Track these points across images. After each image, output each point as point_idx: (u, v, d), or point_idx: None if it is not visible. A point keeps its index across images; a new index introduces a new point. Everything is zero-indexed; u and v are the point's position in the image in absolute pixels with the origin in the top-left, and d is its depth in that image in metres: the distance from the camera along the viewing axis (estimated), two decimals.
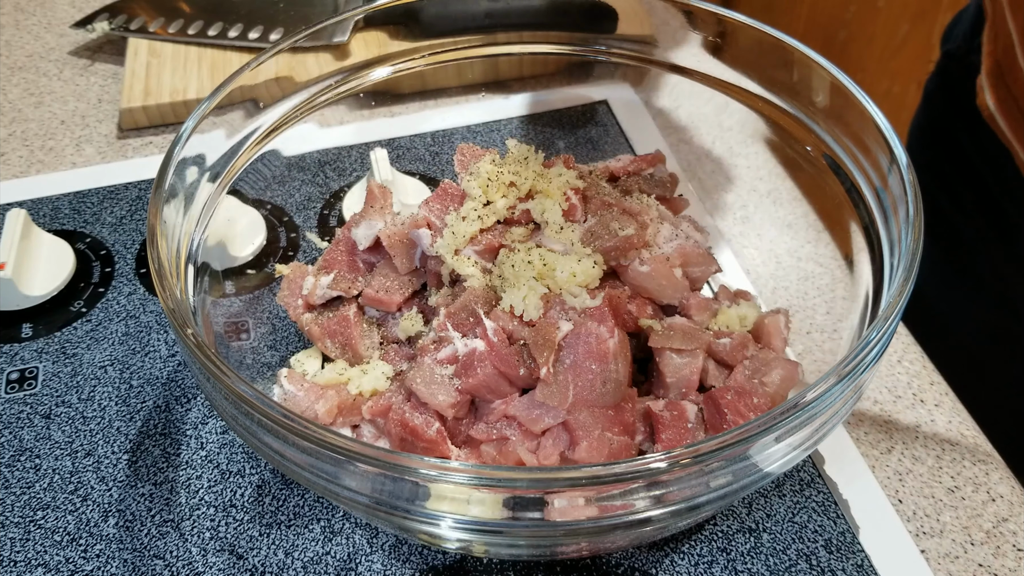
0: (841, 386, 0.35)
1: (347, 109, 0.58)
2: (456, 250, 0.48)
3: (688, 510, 0.36)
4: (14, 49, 0.83)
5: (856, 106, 0.46)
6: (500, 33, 0.60)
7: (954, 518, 0.49)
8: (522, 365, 0.44)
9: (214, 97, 0.48)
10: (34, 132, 0.74)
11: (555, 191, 0.49)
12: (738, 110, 0.55)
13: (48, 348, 0.57)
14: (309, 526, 0.48)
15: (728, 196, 0.61)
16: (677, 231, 0.51)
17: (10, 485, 0.50)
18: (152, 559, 0.47)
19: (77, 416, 0.53)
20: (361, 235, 0.53)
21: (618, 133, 0.72)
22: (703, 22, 0.55)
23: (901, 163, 0.43)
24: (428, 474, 0.33)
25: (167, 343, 0.57)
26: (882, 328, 0.37)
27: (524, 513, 0.35)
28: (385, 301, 0.52)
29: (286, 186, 0.60)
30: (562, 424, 0.43)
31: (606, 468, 0.33)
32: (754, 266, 0.59)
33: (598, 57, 0.60)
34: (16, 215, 0.59)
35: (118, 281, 0.61)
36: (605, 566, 0.46)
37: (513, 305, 0.45)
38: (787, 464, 0.37)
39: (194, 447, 0.52)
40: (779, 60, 0.51)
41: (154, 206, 0.43)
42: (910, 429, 0.53)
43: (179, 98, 0.74)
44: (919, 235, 0.40)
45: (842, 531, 0.48)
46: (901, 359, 0.57)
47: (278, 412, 0.35)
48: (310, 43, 0.53)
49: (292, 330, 0.55)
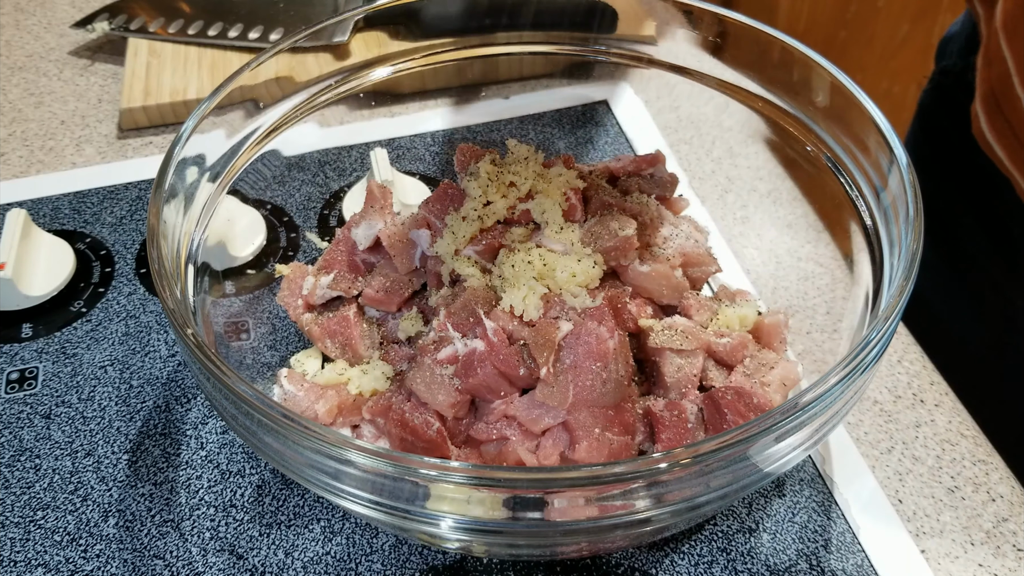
0: (841, 386, 0.35)
1: (347, 109, 0.58)
2: (456, 250, 0.48)
3: (688, 510, 0.36)
4: (14, 49, 0.83)
5: (856, 106, 0.46)
6: (500, 33, 0.60)
7: (954, 518, 0.49)
8: (522, 365, 0.44)
9: (214, 97, 0.48)
10: (34, 132, 0.74)
11: (555, 191, 0.49)
12: (738, 110, 0.55)
13: (48, 348, 0.57)
14: (309, 526, 0.48)
15: (728, 196, 0.61)
16: (677, 231, 0.51)
17: (10, 485, 0.50)
18: (152, 559, 0.47)
19: (77, 416, 0.53)
20: (361, 235, 0.53)
21: (618, 133, 0.72)
22: (703, 22, 0.55)
23: (901, 163, 0.43)
24: (428, 474, 0.33)
25: (167, 343, 0.57)
26: (882, 328, 0.37)
27: (524, 513, 0.35)
28: (385, 301, 0.52)
29: (286, 186, 0.60)
30: (562, 424, 0.43)
31: (606, 468, 0.33)
32: (754, 266, 0.59)
33: (598, 57, 0.60)
34: (16, 215, 0.59)
35: (118, 281, 0.61)
36: (605, 566, 0.46)
37: (513, 305, 0.45)
38: (787, 464, 0.37)
39: (194, 447, 0.52)
40: (779, 60, 0.51)
41: (154, 206, 0.43)
42: (910, 429, 0.53)
43: (179, 98, 0.74)
44: (919, 235, 0.40)
45: (842, 531, 0.48)
46: (901, 359, 0.57)
47: (278, 412, 0.35)
48: (310, 43, 0.53)
49: (292, 330, 0.55)
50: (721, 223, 0.61)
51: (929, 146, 0.79)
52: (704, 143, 0.63)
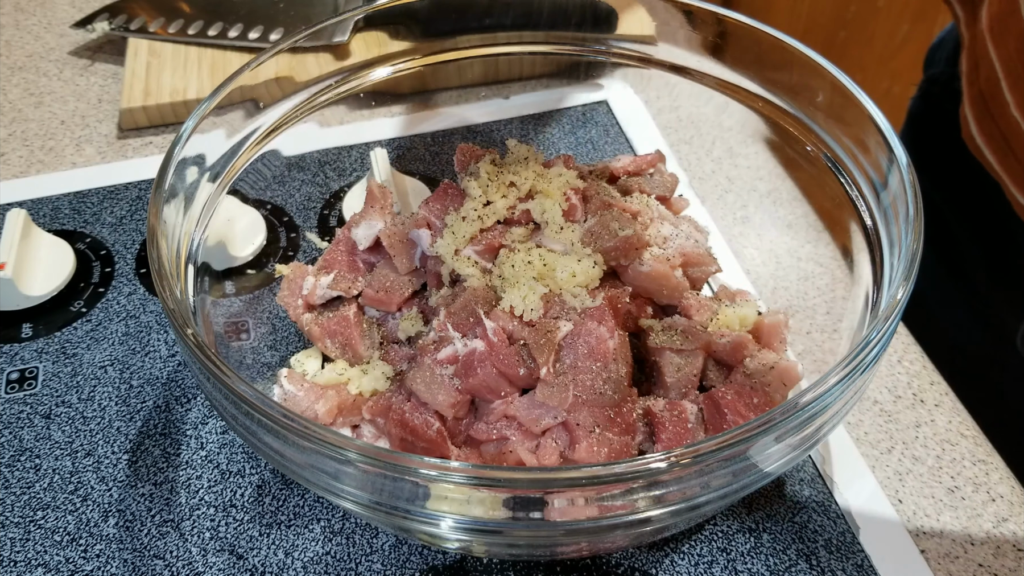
0: (841, 386, 0.35)
1: (347, 109, 0.58)
2: (456, 250, 0.48)
3: (688, 510, 0.36)
4: (14, 49, 0.83)
5: (856, 106, 0.46)
6: (500, 33, 0.60)
7: (954, 518, 0.49)
8: (522, 365, 0.44)
9: (214, 97, 0.48)
10: (34, 132, 0.74)
11: (555, 191, 0.49)
12: (738, 110, 0.55)
13: (48, 348, 0.57)
14: (309, 526, 0.48)
15: (728, 196, 0.61)
16: (677, 231, 0.51)
17: (10, 485, 0.50)
18: (152, 559, 0.47)
19: (77, 416, 0.53)
20: (361, 235, 0.53)
21: (618, 133, 0.72)
22: (703, 22, 0.55)
23: (901, 163, 0.43)
24: (428, 474, 0.33)
25: (167, 343, 0.57)
26: (882, 328, 0.37)
27: (524, 513, 0.35)
28: (385, 301, 0.52)
29: (286, 186, 0.60)
30: (562, 424, 0.43)
31: (606, 468, 0.33)
32: (754, 266, 0.59)
33: (598, 57, 0.60)
34: (16, 215, 0.59)
35: (118, 281, 0.61)
36: (605, 566, 0.46)
37: (513, 305, 0.45)
38: (787, 464, 0.37)
39: (194, 447, 0.52)
40: (779, 60, 0.51)
41: (154, 206, 0.43)
42: (910, 429, 0.53)
43: (179, 98, 0.74)
44: (919, 235, 0.40)
45: (842, 531, 0.48)
46: (901, 359, 0.57)
47: (278, 412, 0.35)
48: (310, 43, 0.53)
49: (292, 330, 0.55)
50: (721, 223, 0.61)
51: (919, 153, 0.79)
52: (704, 143, 0.63)
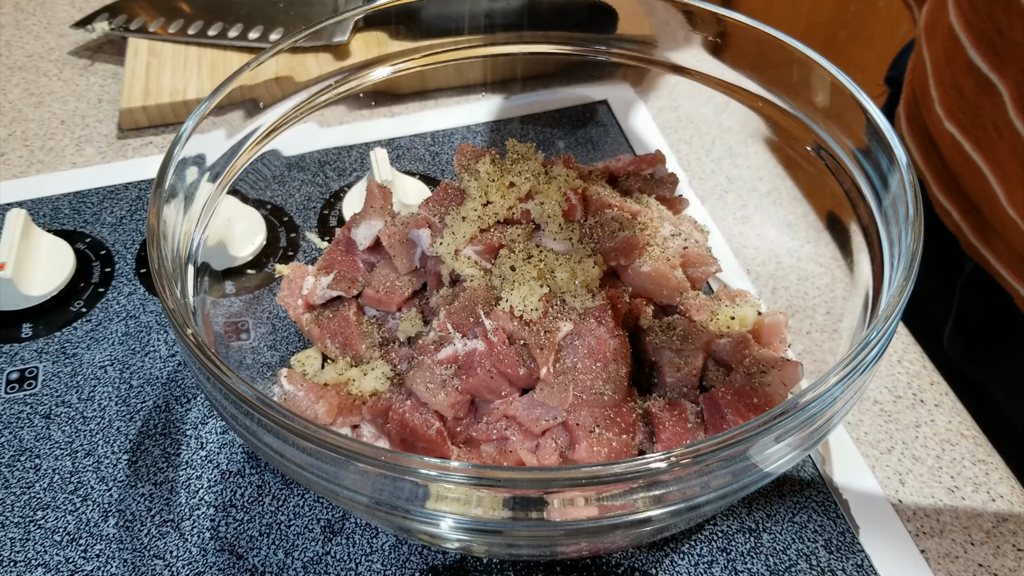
0: (841, 386, 0.35)
1: (347, 109, 0.58)
2: (456, 250, 0.48)
3: (688, 510, 0.36)
4: (14, 49, 0.83)
5: (856, 106, 0.46)
6: (500, 33, 0.60)
7: (954, 518, 0.49)
8: (522, 365, 0.44)
9: (214, 97, 0.48)
10: (34, 132, 0.74)
11: (555, 191, 0.49)
12: (738, 110, 0.55)
13: (48, 348, 0.57)
14: (309, 526, 0.48)
15: (728, 196, 0.61)
16: (677, 231, 0.51)
17: (10, 485, 0.50)
18: (152, 559, 0.47)
19: (77, 416, 0.53)
20: (361, 235, 0.53)
21: (618, 133, 0.72)
22: (703, 22, 0.55)
23: (901, 163, 0.43)
24: (428, 474, 0.33)
25: (167, 343, 0.57)
26: (882, 328, 0.37)
27: (524, 513, 0.35)
28: (385, 301, 0.52)
29: (286, 186, 0.60)
30: (562, 424, 0.43)
31: (606, 468, 0.33)
32: (754, 266, 0.59)
33: (598, 57, 0.60)
34: (16, 215, 0.59)
35: (118, 281, 0.61)
36: (605, 566, 0.46)
37: (513, 305, 0.45)
38: (787, 464, 0.37)
39: (194, 447, 0.52)
40: (779, 60, 0.51)
41: (154, 206, 0.43)
42: (910, 429, 0.53)
43: (179, 98, 0.74)
44: (919, 235, 0.40)
45: (842, 531, 0.48)
46: (901, 359, 0.57)
47: (278, 412, 0.35)
48: (310, 43, 0.53)
49: (292, 330, 0.55)
50: (721, 223, 0.61)
51: None
52: (704, 143, 0.63)
